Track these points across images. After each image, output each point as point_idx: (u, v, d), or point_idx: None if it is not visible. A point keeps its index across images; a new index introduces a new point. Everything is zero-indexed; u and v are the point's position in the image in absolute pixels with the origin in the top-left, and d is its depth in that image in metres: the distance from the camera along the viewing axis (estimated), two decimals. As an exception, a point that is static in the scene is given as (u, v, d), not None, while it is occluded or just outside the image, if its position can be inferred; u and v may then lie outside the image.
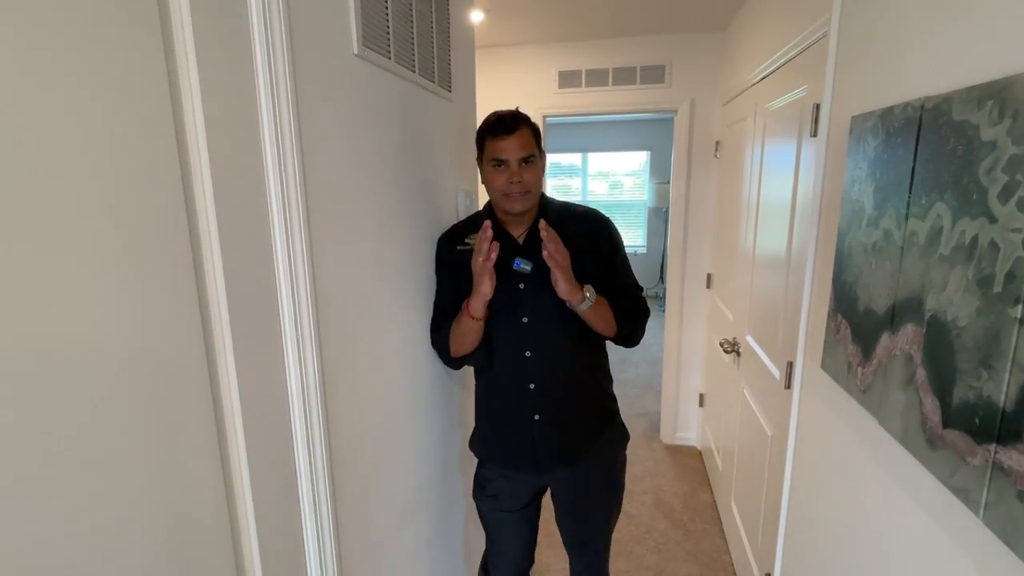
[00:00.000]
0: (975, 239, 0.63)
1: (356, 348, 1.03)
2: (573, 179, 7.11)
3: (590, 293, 1.21)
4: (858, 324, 0.95)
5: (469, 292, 1.24)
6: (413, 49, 1.22)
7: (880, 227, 0.87)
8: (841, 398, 1.05)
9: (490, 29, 2.67)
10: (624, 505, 1.50)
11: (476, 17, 2.41)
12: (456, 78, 1.51)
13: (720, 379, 2.60)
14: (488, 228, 1.16)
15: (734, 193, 2.36)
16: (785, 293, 1.58)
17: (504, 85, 2.97)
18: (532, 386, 1.30)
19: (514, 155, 1.19)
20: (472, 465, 1.49)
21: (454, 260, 1.34)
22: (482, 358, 1.35)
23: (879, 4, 1.00)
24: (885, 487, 0.89)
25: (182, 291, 0.64)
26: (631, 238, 7.01)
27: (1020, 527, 0.55)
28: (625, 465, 1.47)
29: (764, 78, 1.92)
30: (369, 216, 1.07)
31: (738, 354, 2.17)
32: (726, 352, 2.27)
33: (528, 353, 1.28)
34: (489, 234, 1.16)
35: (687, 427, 3.19)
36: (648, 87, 2.88)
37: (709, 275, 2.95)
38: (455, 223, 1.44)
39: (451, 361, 1.38)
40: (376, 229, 1.10)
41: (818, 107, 1.31)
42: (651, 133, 6.60)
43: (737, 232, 2.26)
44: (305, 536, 0.88)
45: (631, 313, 1.33)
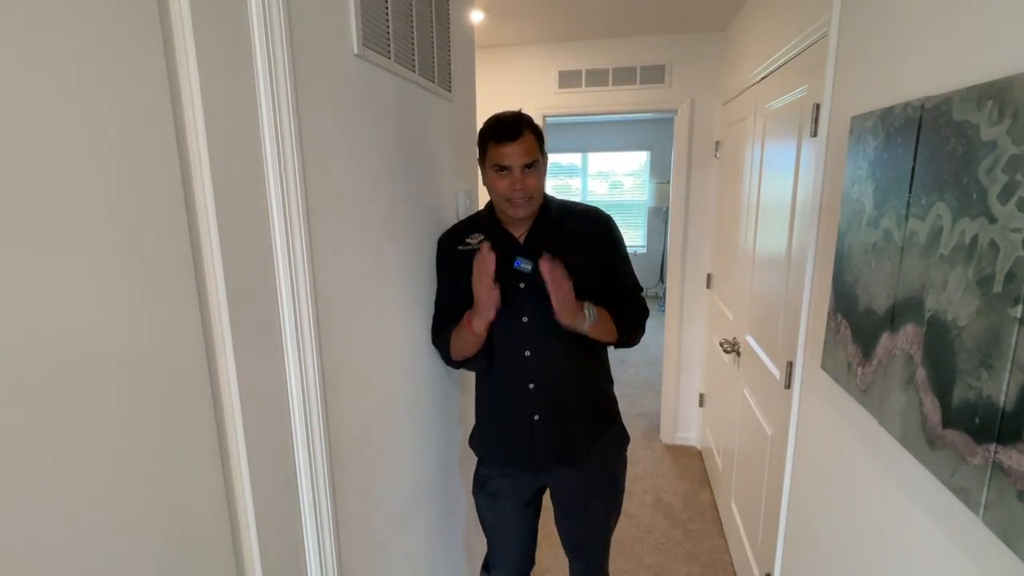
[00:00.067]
0: (975, 239, 0.63)
1: (356, 347, 1.03)
2: (573, 179, 7.11)
3: (590, 311, 1.20)
4: (858, 324, 0.95)
5: (470, 292, 1.24)
6: (413, 49, 1.22)
7: (880, 227, 0.87)
8: (841, 398, 1.05)
9: (490, 29, 2.67)
10: (624, 505, 1.50)
11: (476, 17, 2.41)
12: (456, 78, 1.51)
13: (720, 379, 2.60)
14: (489, 254, 1.15)
15: (734, 193, 2.37)
16: (785, 293, 1.58)
17: (504, 85, 2.97)
18: (532, 386, 1.30)
19: (517, 161, 1.18)
20: (473, 464, 1.49)
21: (455, 260, 1.34)
22: (483, 363, 1.35)
23: (879, 4, 1.00)
24: (885, 487, 0.89)
25: (182, 291, 0.64)
26: (631, 238, 7.02)
27: (1020, 527, 0.55)
28: (625, 467, 1.47)
29: (764, 78, 1.92)
30: (369, 216, 1.07)
31: (738, 354, 2.17)
32: (726, 352, 2.27)
33: (528, 353, 1.28)
34: (491, 267, 1.15)
35: (687, 427, 3.19)
36: (648, 87, 2.88)
37: (709, 275, 2.95)
38: (455, 223, 1.44)
39: (451, 363, 1.38)
40: (376, 229, 1.10)
41: (818, 107, 1.31)
42: (651, 133, 6.60)
43: (737, 232, 2.26)
44: (305, 536, 0.88)
45: (631, 316, 1.33)
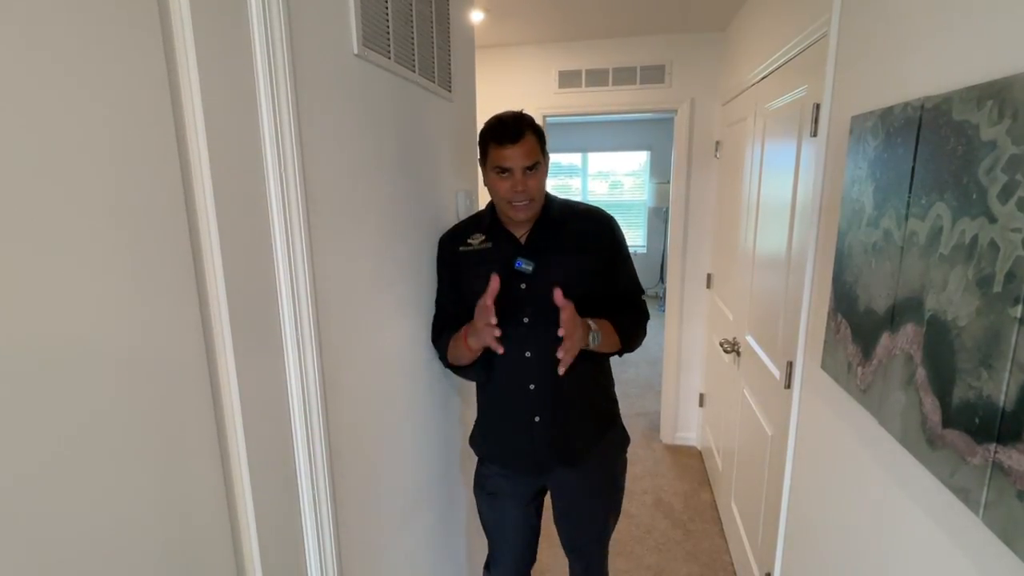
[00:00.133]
0: (975, 239, 0.63)
1: (356, 347, 1.03)
2: (573, 179, 7.12)
3: (593, 336, 1.20)
4: (858, 324, 0.95)
5: (470, 293, 1.24)
6: (413, 49, 1.22)
7: (880, 227, 0.87)
8: (841, 398, 1.05)
9: (490, 29, 2.67)
10: (624, 505, 1.50)
11: (476, 17, 2.41)
12: (456, 78, 1.51)
13: (720, 379, 2.60)
14: (493, 287, 1.14)
15: (734, 193, 2.36)
16: (785, 293, 1.58)
17: (504, 85, 2.97)
18: (532, 387, 1.29)
19: (518, 163, 1.17)
20: (473, 463, 1.49)
21: (456, 261, 1.34)
22: (480, 376, 1.36)
23: (879, 4, 1.00)
24: (885, 487, 0.89)
25: (182, 291, 0.64)
26: (631, 238, 7.01)
27: (1020, 527, 0.55)
28: (625, 467, 1.47)
29: (764, 78, 1.92)
30: (369, 216, 1.07)
31: (738, 354, 2.17)
32: (726, 352, 2.28)
33: (528, 354, 1.28)
34: (491, 305, 1.13)
35: (687, 427, 3.19)
36: (648, 87, 2.88)
37: (709, 275, 2.95)
38: (456, 223, 1.44)
39: (448, 367, 1.38)
40: (376, 229, 1.10)
41: (818, 107, 1.31)
42: (651, 133, 6.61)
43: (737, 232, 2.26)
44: (305, 536, 0.88)
45: (632, 323, 1.33)
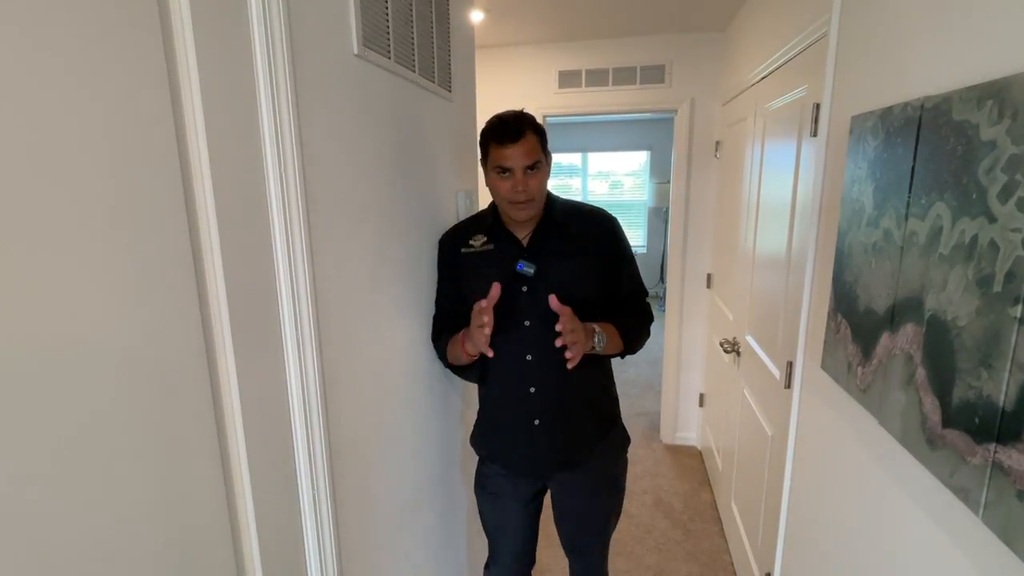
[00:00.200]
0: (975, 239, 0.63)
1: (356, 348, 1.03)
2: (573, 179, 7.12)
3: (598, 337, 1.19)
4: (858, 324, 0.95)
5: (472, 294, 1.24)
6: (413, 49, 1.22)
7: (880, 227, 0.87)
8: (841, 398, 1.05)
9: (490, 29, 2.67)
10: (624, 505, 1.50)
11: (476, 17, 2.41)
12: (456, 78, 1.51)
13: (720, 379, 2.60)
14: (491, 297, 1.14)
15: (734, 193, 2.37)
16: (785, 293, 1.58)
17: (504, 85, 2.97)
18: (533, 390, 1.29)
19: (519, 163, 1.17)
20: (474, 462, 1.49)
21: (457, 262, 1.33)
22: (479, 375, 1.36)
23: (879, 4, 1.00)
24: (885, 487, 0.89)
25: (182, 291, 0.64)
26: (631, 238, 6.94)
27: (1020, 526, 0.55)
28: (626, 468, 1.46)
29: (764, 78, 1.92)
30: (369, 215, 1.07)
31: (738, 354, 2.17)
32: (726, 352, 2.28)
33: (529, 357, 1.27)
34: (489, 319, 1.13)
35: (687, 427, 3.19)
36: (648, 87, 2.88)
37: (709, 275, 2.95)
38: (457, 223, 1.43)
39: (448, 366, 1.39)
40: (376, 228, 1.10)
41: (818, 107, 1.31)
42: (651, 133, 6.60)
43: (737, 232, 2.26)
44: (305, 536, 0.88)
45: (636, 325, 1.32)
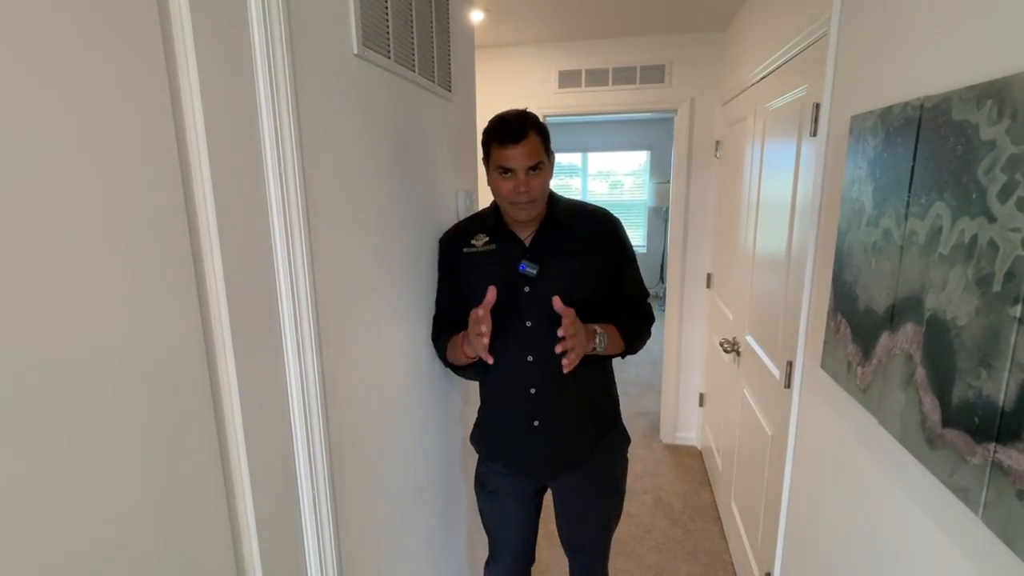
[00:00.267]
0: (974, 238, 0.63)
1: (356, 348, 1.03)
2: (573, 179, 7.12)
3: (599, 339, 1.19)
4: (858, 323, 0.95)
5: (472, 293, 1.24)
6: (413, 49, 1.22)
7: (880, 226, 0.88)
8: (841, 398, 1.05)
9: (490, 29, 2.67)
10: (624, 505, 1.50)
11: (476, 17, 2.41)
12: (456, 78, 1.51)
13: (720, 379, 2.60)
14: (488, 304, 1.12)
15: (734, 193, 2.37)
16: (785, 293, 1.58)
17: (504, 85, 2.97)
18: (533, 391, 1.28)
19: (521, 164, 1.15)
20: (474, 460, 1.49)
21: (459, 262, 1.33)
22: (478, 375, 1.36)
23: (879, 4, 1.00)
24: (885, 486, 0.89)
25: (182, 292, 0.64)
26: (631, 238, 7.00)
27: (1019, 526, 0.55)
28: (626, 468, 1.46)
29: (764, 78, 1.92)
30: (369, 216, 1.07)
31: (738, 354, 2.17)
32: (726, 352, 2.28)
33: (530, 358, 1.27)
34: (486, 328, 1.12)
35: (687, 427, 3.19)
36: (648, 87, 2.88)
37: (709, 275, 2.95)
38: (457, 222, 1.43)
39: (448, 366, 1.38)
40: (376, 229, 1.10)
41: (818, 107, 1.31)
42: (651, 133, 6.60)
43: (737, 232, 2.26)
44: (305, 536, 0.88)
45: (637, 326, 1.32)
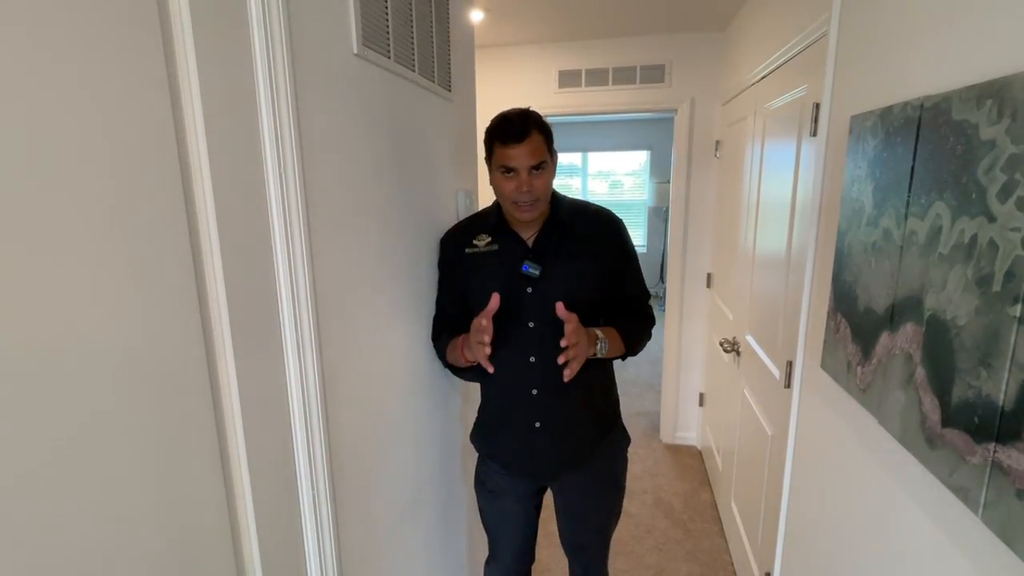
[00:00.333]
0: (974, 238, 0.63)
1: (356, 349, 1.03)
2: (573, 179, 7.12)
3: (601, 344, 1.19)
4: (858, 323, 0.95)
5: (475, 295, 1.24)
6: (413, 49, 1.22)
7: (880, 226, 0.88)
8: (841, 397, 1.05)
9: (490, 29, 2.67)
10: (624, 505, 1.50)
11: (476, 17, 2.41)
12: (456, 78, 1.51)
13: (720, 379, 2.60)
14: (491, 311, 1.13)
15: (734, 193, 2.36)
16: (785, 292, 1.58)
17: (504, 85, 2.97)
18: (535, 392, 1.28)
19: (524, 163, 1.15)
20: (474, 459, 1.49)
21: (460, 263, 1.32)
22: (477, 377, 1.35)
23: (879, 4, 1.00)
24: (884, 486, 0.89)
25: (182, 292, 0.64)
26: (632, 238, 7.02)
27: (1019, 526, 0.55)
28: (626, 468, 1.46)
29: (764, 78, 1.92)
30: (369, 216, 1.07)
31: (738, 353, 2.17)
32: (726, 352, 2.28)
33: (533, 359, 1.26)
34: (489, 337, 1.12)
35: (687, 427, 3.19)
36: (648, 87, 2.88)
37: (709, 275, 2.95)
38: (458, 222, 1.43)
39: (448, 367, 1.38)
40: (376, 229, 1.10)
41: (818, 106, 1.31)
42: (651, 133, 6.60)
43: (737, 232, 2.26)
44: (305, 536, 0.88)
45: (638, 328, 1.32)
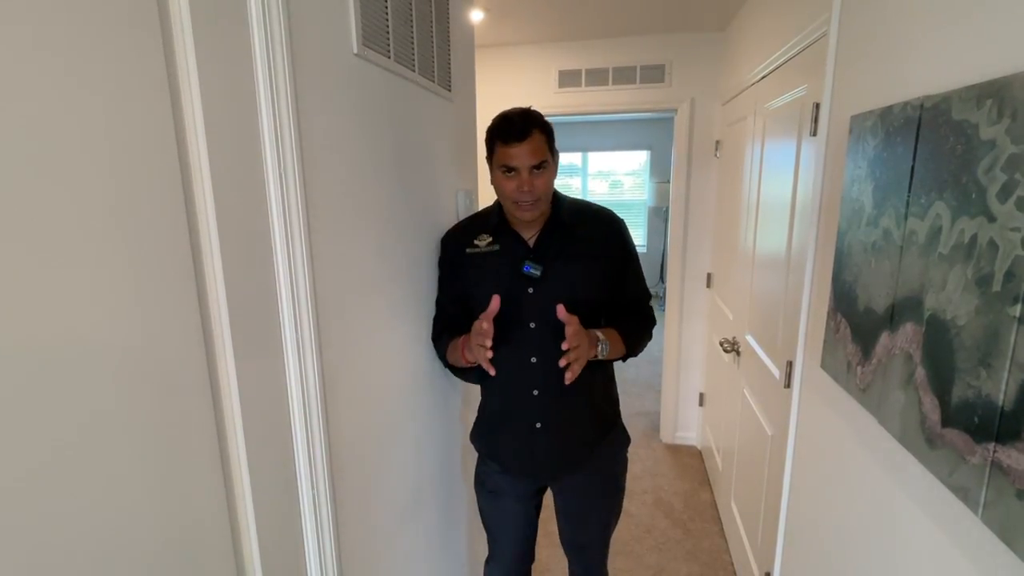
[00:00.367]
0: (974, 238, 0.63)
1: (356, 349, 1.03)
2: (573, 179, 7.12)
3: (602, 346, 1.19)
4: (858, 323, 0.95)
5: (475, 293, 1.23)
6: (413, 49, 1.22)
7: (879, 226, 0.88)
8: (841, 397, 1.05)
9: (490, 29, 2.67)
10: (624, 505, 1.50)
11: (476, 17, 2.41)
12: (456, 78, 1.51)
13: (720, 378, 2.60)
14: (491, 313, 1.13)
15: (734, 193, 2.36)
16: (785, 292, 1.58)
17: (504, 85, 2.97)
18: (536, 392, 1.28)
19: (525, 163, 1.15)
20: (474, 459, 1.49)
21: (461, 262, 1.32)
22: (477, 377, 1.35)
23: (879, 3, 1.00)
24: (884, 486, 0.89)
25: (182, 293, 0.64)
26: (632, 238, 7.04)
27: (1018, 526, 0.55)
28: (626, 468, 1.46)
29: (764, 77, 1.92)
30: (369, 216, 1.07)
31: (738, 353, 2.17)
32: (726, 351, 2.28)
33: (534, 359, 1.26)
34: (490, 341, 1.12)
35: (687, 426, 3.19)
36: (648, 87, 2.88)
37: (709, 274, 2.95)
38: (459, 221, 1.43)
39: (448, 367, 1.38)
40: (376, 229, 1.10)
41: (818, 106, 1.31)
42: (651, 133, 6.60)
43: (737, 231, 2.26)
44: (305, 536, 0.88)
45: (638, 329, 1.32)
